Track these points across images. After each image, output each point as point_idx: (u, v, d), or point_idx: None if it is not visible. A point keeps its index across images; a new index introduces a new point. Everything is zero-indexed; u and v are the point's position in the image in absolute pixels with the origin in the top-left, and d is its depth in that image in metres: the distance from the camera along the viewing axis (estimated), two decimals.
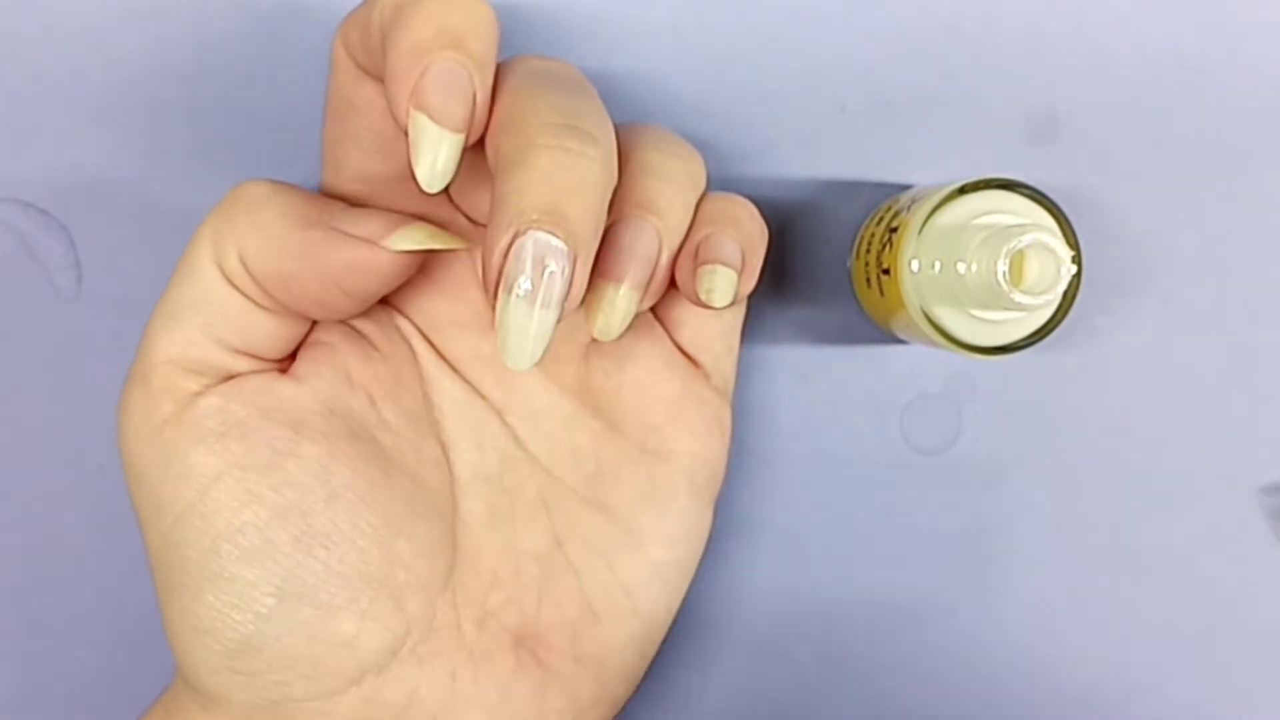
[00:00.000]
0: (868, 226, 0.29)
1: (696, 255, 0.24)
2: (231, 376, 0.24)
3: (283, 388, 0.24)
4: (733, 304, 0.25)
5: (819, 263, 0.31)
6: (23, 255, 0.29)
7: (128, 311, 0.30)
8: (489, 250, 0.21)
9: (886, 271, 0.26)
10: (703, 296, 0.24)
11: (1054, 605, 0.31)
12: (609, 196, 0.22)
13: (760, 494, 0.31)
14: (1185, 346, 0.31)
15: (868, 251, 0.28)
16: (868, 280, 0.28)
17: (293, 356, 0.25)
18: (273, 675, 0.23)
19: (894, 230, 0.26)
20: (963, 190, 0.25)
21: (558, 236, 0.20)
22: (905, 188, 0.30)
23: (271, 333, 0.24)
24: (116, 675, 0.31)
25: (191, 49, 0.29)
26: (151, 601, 0.30)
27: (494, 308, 0.21)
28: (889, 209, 0.28)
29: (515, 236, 0.20)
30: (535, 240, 0.20)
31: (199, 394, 0.23)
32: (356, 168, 0.25)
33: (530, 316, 0.21)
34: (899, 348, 0.31)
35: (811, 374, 0.31)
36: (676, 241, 0.24)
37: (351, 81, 0.23)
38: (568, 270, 0.21)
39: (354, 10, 0.23)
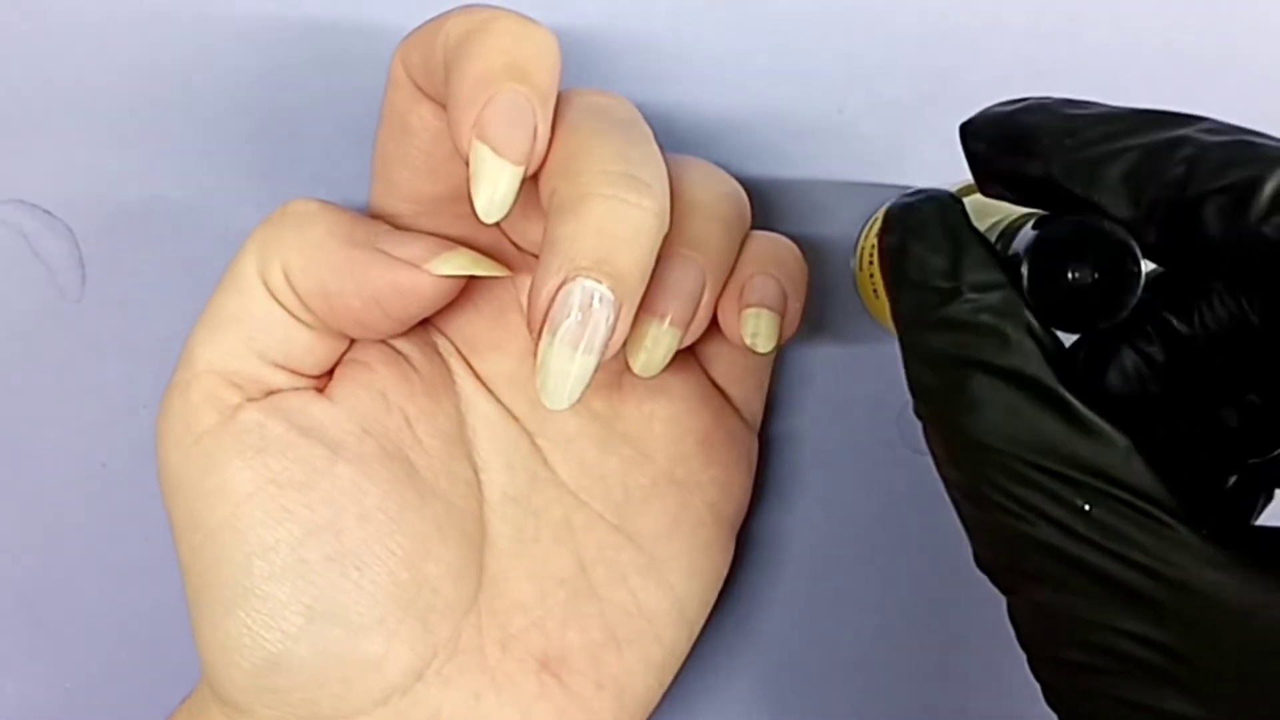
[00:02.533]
0: (865, 235, 0.29)
1: (740, 297, 0.24)
2: (270, 391, 0.24)
3: (320, 407, 0.24)
4: (775, 348, 0.25)
5: (818, 263, 0.31)
6: (27, 255, 0.30)
7: (131, 312, 0.30)
8: (537, 291, 0.21)
9: None
10: (747, 341, 0.24)
11: None
12: (659, 244, 0.22)
13: (760, 494, 0.31)
14: None
15: (866, 259, 0.28)
16: (875, 291, 0.28)
17: (330, 373, 0.25)
18: (300, 694, 0.23)
19: None
20: (955, 198, 0.25)
21: (606, 285, 0.21)
22: (904, 188, 0.30)
23: (311, 348, 0.24)
24: (120, 674, 0.31)
25: (195, 52, 0.29)
26: (155, 600, 0.31)
27: (537, 346, 0.21)
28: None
29: (564, 282, 0.21)
30: (583, 287, 0.21)
31: (239, 407, 0.23)
32: (407, 187, 0.25)
33: (572, 361, 0.21)
34: (897, 350, 0.31)
35: (810, 375, 0.31)
36: (720, 280, 0.24)
37: (409, 102, 0.23)
38: (612, 318, 0.21)
39: (416, 31, 0.23)
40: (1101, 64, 0.30)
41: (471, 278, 0.24)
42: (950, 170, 0.30)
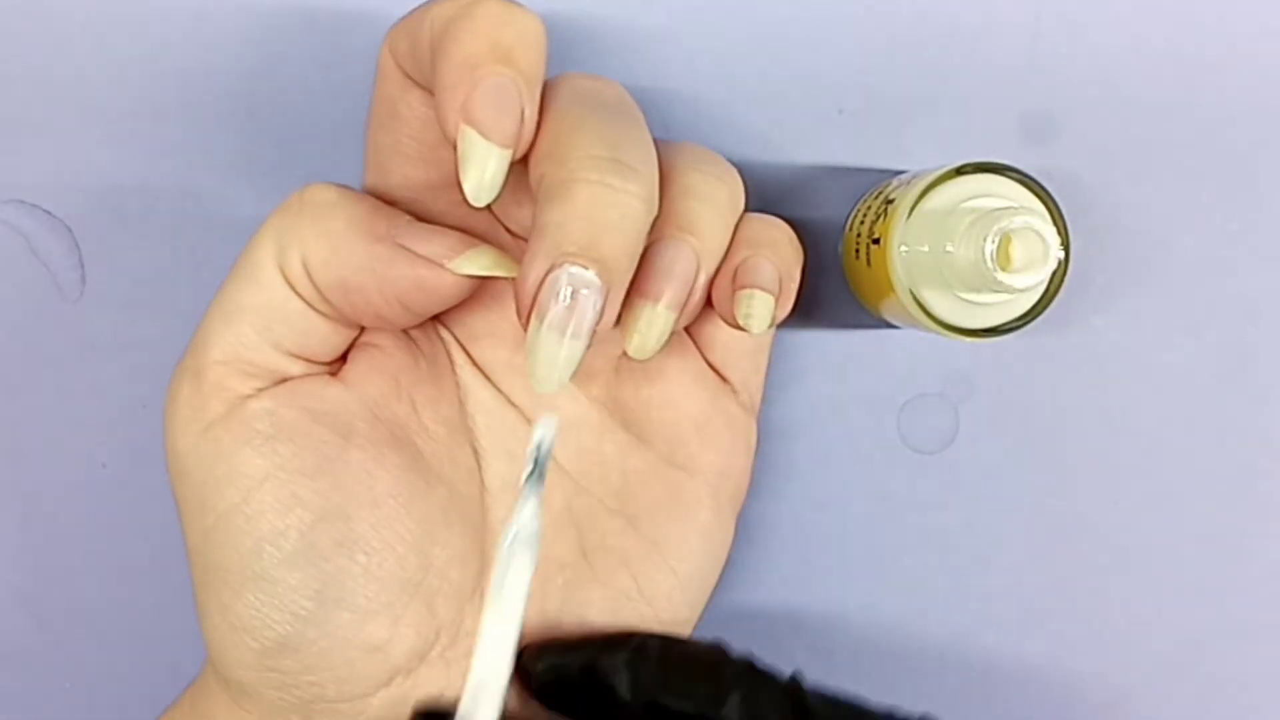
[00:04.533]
0: (863, 202, 0.29)
1: (734, 279, 0.24)
2: (284, 379, 0.24)
3: (332, 391, 0.24)
4: (769, 328, 0.25)
5: (817, 262, 0.31)
6: (27, 255, 0.30)
7: (131, 311, 0.30)
8: (524, 277, 0.21)
9: (877, 241, 0.26)
10: (741, 322, 0.24)
11: (1050, 604, 0.31)
12: (648, 229, 0.22)
13: (758, 492, 0.31)
14: (1182, 346, 0.31)
15: (861, 223, 0.28)
16: (856, 251, 0.28)
17: (343, 358, 0.25)
18: (306, 676, 0.23)
19: (890, 202, 0.27)
20: (959, 171, 0.25)
21: (592, 270, 0.21)
22: (898, 173, 0.30)
23: (327, 337, 0.24)
24: (120, 672, 0.31)
25: (195, 50, 0.29)
26: (154, 599, 0.31)
27: (526, 331, 0.21)
28: (887, 184, 0.28)
29: (551, 268, 0.21)
30: (570, 274, 0.21)
31: (250, 396, 0.23)
32: (400, 175, 0.25)
33: (560, 346, 0.21)
34: (896, 348, 0.31)
35: (810, 373, 0.31)
36: (714, 263, 0.24)
37: (398, 89, 0.23)
38: (599, 303, 0.21)
39: (403, 19, 0.23)
40: (1101, 64, 0.30)
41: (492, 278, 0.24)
42: None
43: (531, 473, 0.22)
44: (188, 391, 0.24)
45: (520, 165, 0.22)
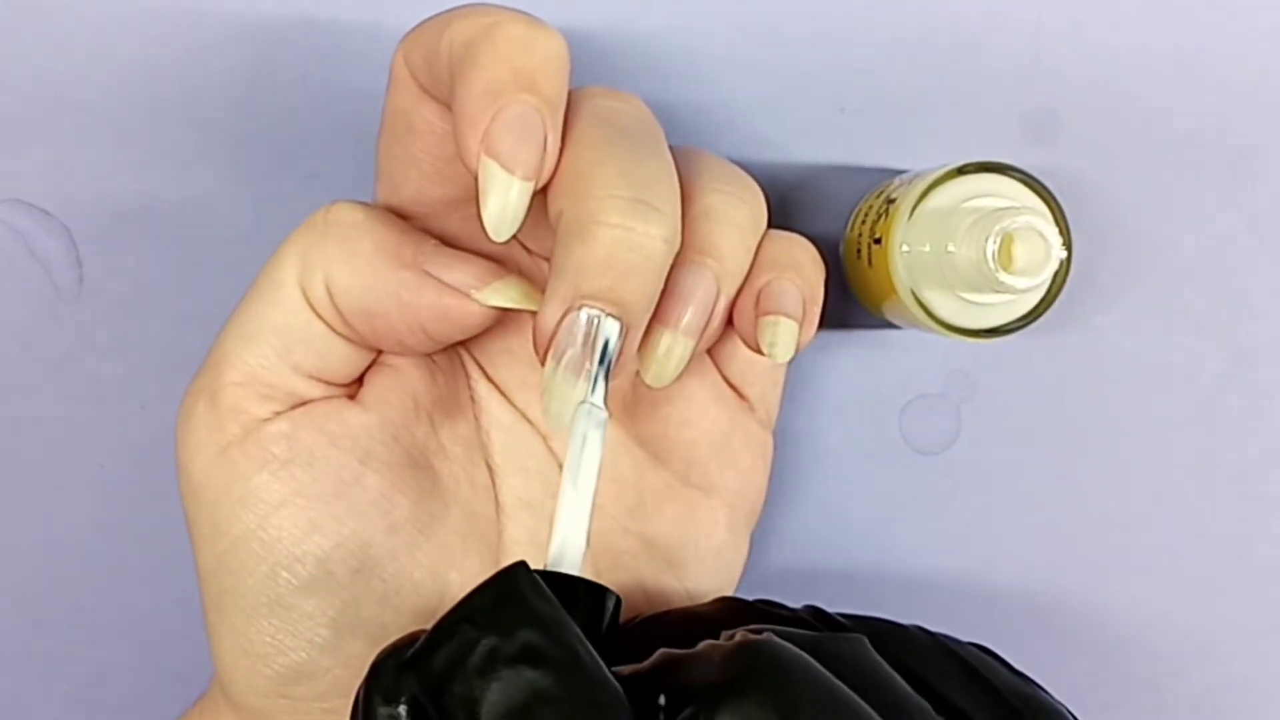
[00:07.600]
0: (865, 202, 0.29)
1: (757, 303, 0.24)
2: (302, 402, 0.23)
3: (351, 415, 0.24)
4: (794, 355, 0.24)
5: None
6: (24, 255, 0.29)
7: (129, 311, 0.30)
8: (542, 316, 0.21)
9: (878, 240, 0.26)
10: (765, 350, 0.24)
11: (1050, 604, 0.31)
12: (669, 265, 0.22)
13: None
14: (1183, 346, 0.31)
15: (862, 223, 0.28)
16: (858, 251, 0.28)
17: (360, 380, 0.25)
18: (319, 703, 0.23)
19: (892, 201, 0.26)
20: (961, 171, 0.25)
21: (611, 313, 0.20)
22: (900, 172, 0.30)
23: (347, 360, 0.24)
24: (117, 675, 0.31)
25: (193, 50, 0.29)
26: (153, 601, 0.31)
27: (543, 367, 0.21)
28: (889, 183, 0.28)
29: (569, 310, 0.20)
30: (588, 316, 0.20)
31: (267, 420, 0.23)
32: (414, 189, 0.24)
33: (574, 388, 0.21)
34: (898, 348, 0.31)
35: (811, 374, 0.31)
36: (735, 285, 0.24)
37: (413, 101, 0.23)
38: (617, 345, 0.21)
39: (419, 28, 0.22)
40: (1104, 63, 0.30)
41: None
42: None
43: (601, 363, 0.21)
44: (203, 413, 0.23)
45: (540, 190, 0.22)
